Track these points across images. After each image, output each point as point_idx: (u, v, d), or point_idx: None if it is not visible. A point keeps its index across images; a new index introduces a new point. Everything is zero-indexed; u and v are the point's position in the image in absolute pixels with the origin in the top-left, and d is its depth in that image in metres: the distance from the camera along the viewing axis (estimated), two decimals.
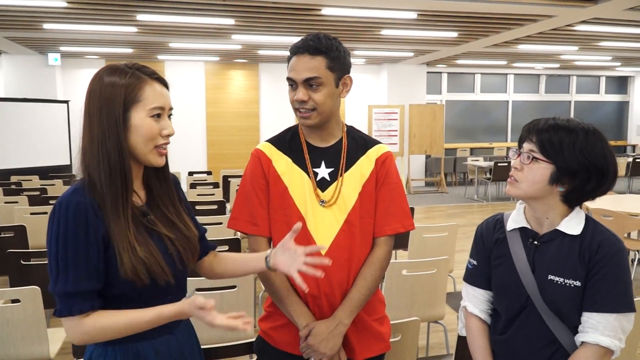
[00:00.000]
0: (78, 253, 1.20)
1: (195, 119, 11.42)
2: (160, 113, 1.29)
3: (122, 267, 1.23)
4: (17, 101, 9.73)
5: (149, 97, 1.28)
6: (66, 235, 1.20)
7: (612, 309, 1.35)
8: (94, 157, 1.26)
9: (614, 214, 4.50)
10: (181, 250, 1.36)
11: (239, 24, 7.38)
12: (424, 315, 2.89)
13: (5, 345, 2.33)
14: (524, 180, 1.43)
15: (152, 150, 1.30)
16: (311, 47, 1.56)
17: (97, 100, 1.26)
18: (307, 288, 1.34)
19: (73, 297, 1.20)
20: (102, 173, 1.25)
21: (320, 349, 1.53)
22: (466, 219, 8.45)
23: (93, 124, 1.27)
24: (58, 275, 1.21)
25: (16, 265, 3.00)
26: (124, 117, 1.26)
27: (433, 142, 11.18)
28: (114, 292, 1.26)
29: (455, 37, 8.42)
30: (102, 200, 1.24)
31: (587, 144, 1.37)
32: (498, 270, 1.54)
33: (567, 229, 1.43)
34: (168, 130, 1.31)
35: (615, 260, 1.37)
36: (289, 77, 1.60)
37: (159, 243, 1.32)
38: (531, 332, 1.46)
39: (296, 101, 1.59)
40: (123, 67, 1.29)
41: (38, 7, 6.34)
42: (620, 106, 15.17)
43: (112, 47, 9.49)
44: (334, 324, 1.56)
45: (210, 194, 6.28)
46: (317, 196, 1.63)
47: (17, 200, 5.37)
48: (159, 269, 1.27)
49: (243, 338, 1.87)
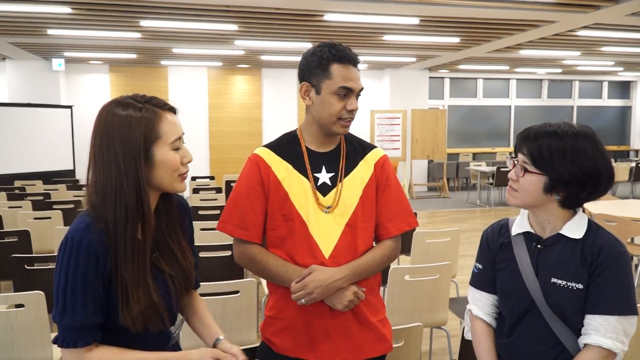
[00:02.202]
0: (86, 290, 1.21)
1: (198, 124, 11.46)
2: (179, 144, 1.30)
3: (124, 313, 1.23)
4: (21, 106, 9.78)
5: (168, 131, 1.27)
6: (76, 271, 1.20)
7: (613, 311, 1.36)
8: (109, 199, 1.23)
9: (617, 219, 4.49)
10: (178, 287, 1.37)
11: (241, 30, 7.41)
12: (427, 320, 2.89)
13: (9, 350, 2.34)
14: (521, 191, 1.45)
15: (177, 179, 1.31)
16: (354, 60, 1.63)
17: (111, 139, 1.22)
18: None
19: (79, 330, 1.21)
20: (117, 216, 1.22)
21: (314, 292, 1.55)
22: (469, 224, 8.44)
23: (107, 163, 1.23)
24: (65, 309, 1.21)
25: (20, 270, 3.01)
26: (145, 156, 1.24)
27: (435, 147, 11.18)
28: (117, 325, 1.26)
29: (458, 42, 8.43)
30: (115, 242, 1.23)
31: (576, 149, 1.37)
32: (503, 274, 1.55)
33: (569, 232, 1.44)
34: (188, 157, 1.32)
35: (617, 262, 1.38)
36: (346, 87, 1.60)
37: (161, 283, 1.33)
38: (535, 335, 1.47)
39: (348, 110, 1.62)
40: (133, 102, 1.26)
41: (42, 13, 6.38)
42: (623, 111, 15.15)
43: (115, 53, 9.54)
44: (333, 278, 1.57)
45: (212, 198, 6.30)
46: (316, 200, 1.64)
47: (21, 205, 5.39)
48: (157, 321, 1.29)
49: (246, 343, 1.87)
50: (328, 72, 1.60)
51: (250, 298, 2.54)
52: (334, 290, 1.59)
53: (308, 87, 1.64)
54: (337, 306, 1.60)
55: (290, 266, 1.62)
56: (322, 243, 1.62)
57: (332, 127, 1.64)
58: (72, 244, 1.21)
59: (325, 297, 1.59)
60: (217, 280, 2.56)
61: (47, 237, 4.43)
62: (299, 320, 1.64)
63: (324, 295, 1.58)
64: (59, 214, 4.70)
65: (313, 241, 1.62)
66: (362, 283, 1.66)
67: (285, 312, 1.66)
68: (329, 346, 1.63)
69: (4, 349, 2.33)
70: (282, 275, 1.61)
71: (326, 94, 1.60)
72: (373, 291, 1.72)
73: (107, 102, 1.28)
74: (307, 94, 1.65)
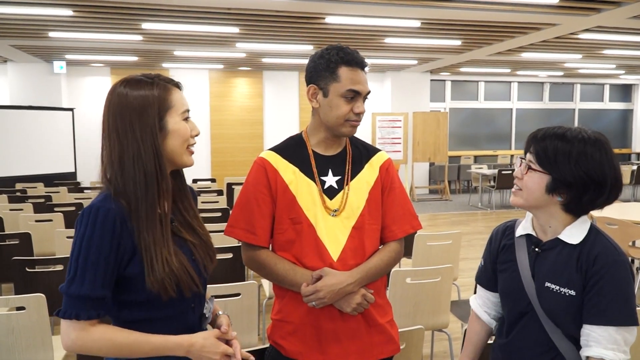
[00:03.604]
0: (99, 258, 1.21)
1: (199, 126, 11.16)
2: (188, 116, 1.36)
3: (149, 277, 1.23)
4: (22, 109, 9.80)
5: (178, 102, 1.34)
6: (91, 239, 1.20)
7: (612, 322, 1.34)
8: (127, 169, 1.26)
9: (618, 222, 4.48)
10: (203, 256, 1.39)
11: (243, 32, 7.42)
12: (428, 323, 2.88)
13: (10, 353, 2.33)
14: (524, 189, 1.45)
15: (186, 151, 1.35)
16: (362, 63, 1.64)
17: (127, 115, 1.27)
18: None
19: (84, 301, 1.20)
20: (137, 184, 1.25)
21: (325, 297, 1.56)
22: (470, 226, 8.43)
23: (124, 138, 1.27)
24: (74, 277, 1.20)
25: (21, 272, 3.01)
26: (160, 125, 1.29)
27: (437, 149, 11.18)
28: (139, 299, 1.26)
29: (459, 45, 8.44)
30: (136, 209, 1.25)
31: (583, 154, 1.36)
32: (504, 275, 1.56)
33: (567, 237, 1.43)
34: (195, 130, 1.38)
35: (613, 271, 1.35)
36: (354, 90, 1.61)
37: (185, 250, 1.35)
38: (531, 338, 1.47)
39: (356, 113, 1.63)
40: (144, 78, 1.32)
41: (44, 16, 6.40)
42: (625, 114, 15.14)
43: (117, 55, 9.56)
44: (345, 283, 1.58)
45: (214, 201, 6.29)
46: (323, 203, 1.65)
47: (22, 208, 5.39)
48: (188, 280, 1.29)
49: (247, 346, 1.87)
50: (336, 75, 1.60)
51: (251, 300, 2.54)
52: (344, 294, 1.59)
53: (315, 90, 1.64)
54: (346, 309, 1.60)
55: (299, 270, 1.62)
56: (330, 246, 1.63)
57: (339, 128, 1.65)
58: (90, 213, 1.22)
59: (335, 301, 1.60)
60: (218, 282, 2.56)
61: (48, 240, 4.43)
62: (307, 324, 1.64)
63: (335, 299, 1.59)
64: (60, 217, 4.70)
65: (321, 244, 1.63)
66: (370, 285, 1.66)
67: (293, 316, 1.66)
68: (339, 349, 1.63)
69: (5, 352, 2.33)
70: (290, 279, 1.62)
71: (334, 96, 1.61)
72: (380, 293, 1.72)
73: (116, 82, 1.33)
74: (314, 96, 1.65)
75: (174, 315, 1.32)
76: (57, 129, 10.17)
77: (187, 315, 1.36)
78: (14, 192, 7.07)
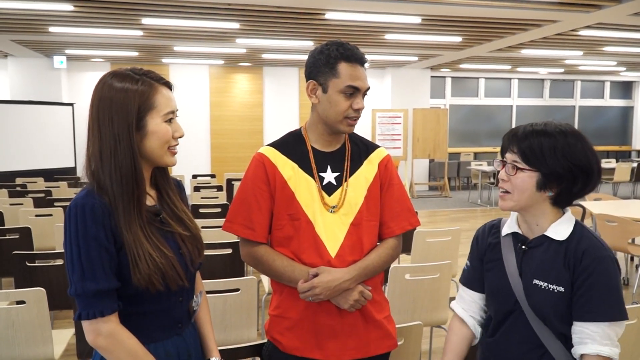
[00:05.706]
0: (102, 253, 1.21)
1: (199, 122, 11.46)
2: (172, 117, 1.34)
3: (135, 275, 1.23)
4: (22, 103, 9.79)
5: (162, 103, 1.31)
6: (87, 235, 1.20)
7: (605, 318, 1.34)
8: (105, 164, 1.26)
9: (618, 219, 4.48)
10: (191, 249, 1.39)
11: (243, 28, 7.41)
12: (427, 319, 2.90)
13: (10, 347, 2.34)
14: (514, 191, 1.44)
15: (167, 152, 1.34)
16: (361, 59, 1.63)
17: (107, 108, 1.26)
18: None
19: (103, 295, 1.20)
20: (114, 180, 1.25)
21: (321, 293, 1.57)
22: (469, 223, 8.44)
23: (103, 131, 1.26)
24: (84, 275, 1.19)
25: (21, 266, 3.02)
26: (137, 124, 1.27)
27: (437, 146, 11.18)
28: (128, 292, 1.26)
29: (459, 41, 8.42)
30: (115, 206, 1.25)
31: (567, 146, 1.38)
32: (490, 274, 1.56)
33: (554, 234, 1.43)
34: (179, 132, 1.36)
35: (601, 267, 1.36)
36: (353, 86, 1.60)
37: (172, 243, 1.35)
38: (518, 336, 1.47)
39: (354, 109, 1.62)
40: (131, 74, 1.30)
41: (44, 11, 6.39)
42: (625, 111, 15.13)
43: (117, 51, 9.54)
44: (341, 279, 1.59)
45: (214, 197, 6.30)
46: (322, 199, 1.65)
47: (22, 202, 5.40)
48: (174, 274, 1.29)
49: (246, 341, 1.87)
50: (335, 71, 1.60)
51: (250, 296, 2.55)
52: (341, 291, 1.60)
53: (315, 85, 1.64)
54: (344, 306, 1.61)
55: (297, 266, 1.62)
56: (328, 242, 1.63)
57: (338, 125, 1.64)
58: (77, 210, 1.22)
59: (332, 297, 1.60)
60: (217, 277, 2.57)
61: (48, 235, 4.44)
62: (305, 320, 1.64)
63: (332, 296, 1.59)
64: (60, 211, 4.70)
65: (319, 240, 1.63)
66: (367, 282, 1.67)
67: (291, 312, 1.66)
68: (336, 344, 1.64)
69: (5, 346, 2.34)
70: (288, 275, 1.62)
71: (333, 92, 1.61)
72: (377, 289, 1.73)
73: (105, 73, 1.32)
74: (313, 92, 1.65)
75: (161, 309, 1.33)
76: (57, 124, 10.16)
77: (174, 309, 1.37)
78: (14, 187, 7.07)
